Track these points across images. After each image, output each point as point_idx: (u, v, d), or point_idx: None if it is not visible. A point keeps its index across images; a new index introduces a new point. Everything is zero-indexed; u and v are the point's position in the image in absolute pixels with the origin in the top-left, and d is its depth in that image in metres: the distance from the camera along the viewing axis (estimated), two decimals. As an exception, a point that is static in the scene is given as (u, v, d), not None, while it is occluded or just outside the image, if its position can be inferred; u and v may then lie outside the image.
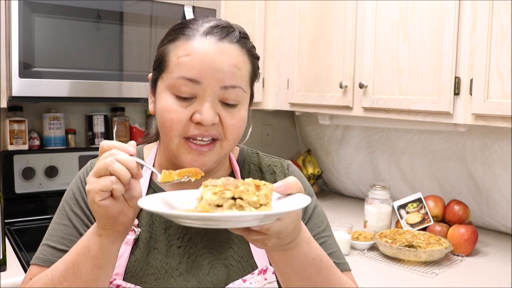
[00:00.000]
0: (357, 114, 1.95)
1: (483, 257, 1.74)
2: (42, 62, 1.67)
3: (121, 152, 0.76)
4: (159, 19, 1.88)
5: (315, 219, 1.01)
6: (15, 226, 1.88)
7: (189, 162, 0.88)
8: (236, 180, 0.74)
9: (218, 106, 0.88)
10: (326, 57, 2.06)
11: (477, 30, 1.53)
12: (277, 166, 1.04)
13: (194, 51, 0.87)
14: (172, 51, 0.89)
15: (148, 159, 1.00)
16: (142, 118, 2.31)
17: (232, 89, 0.88)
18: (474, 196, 2.02)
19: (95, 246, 0.80)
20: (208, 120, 0.86)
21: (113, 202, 0.76)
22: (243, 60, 0.90)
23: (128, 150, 0.78)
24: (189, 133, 0.87)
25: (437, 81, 1.65)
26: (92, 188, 0.75)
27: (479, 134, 1.93)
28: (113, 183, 0.74)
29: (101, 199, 0.75)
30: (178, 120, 0.87)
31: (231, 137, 0.90)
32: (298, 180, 0.78)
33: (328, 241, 1.00)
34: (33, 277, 0.94)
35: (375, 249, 1.78)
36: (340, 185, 2.68)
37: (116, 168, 0.74)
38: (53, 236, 0.96)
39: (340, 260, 1.00)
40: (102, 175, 0.75)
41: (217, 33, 0.88)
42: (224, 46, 0.87)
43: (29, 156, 1.94)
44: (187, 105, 0.87)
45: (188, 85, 0.86)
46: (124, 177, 0.75)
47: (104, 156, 0.76)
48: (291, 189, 0.77)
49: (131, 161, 0.76)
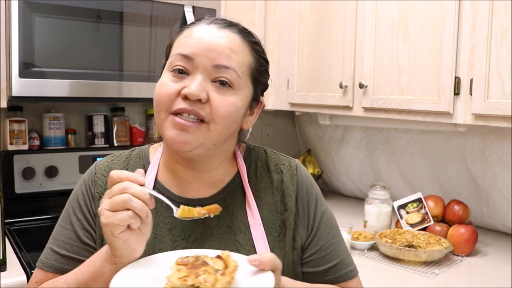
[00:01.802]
0: (357, 114, 1.95)
1: (483, 257, 1.74)
2: (42, 62, 1.67)
3: (134, 185, 0.78)
4: (159, 19, 1.88)
5: (323, 225, 1.00)
6: (15, 226, 1.87)
7: (171, 137, 0.88)
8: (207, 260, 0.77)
9: (208, 85, 0.88)
10: (326, 57, 2.06)
11: (477, 30, 1.53)
12: (285, 165, 1.02)
13: (194, 33, 0.91)
14: (176, 38, 0.94)
15: (154, 159, 1.00)
16: (142, 118, 2.31)
17: (225, 69, 0.89)
18: (474, 196, 2.02)
19: (109, 272, 0.81)
20: (194, 93, 0.86)
21: (131, 234, 0.78)
22: (242, 48, 0.92)
23: (139, 181, 0.79)
24: (174, 107, 0.88)
25: (437, 81, 1.65)
26: (109, 222, 0.76)
27: (479, 134, 1.93)
28: (130, 218, 0.76)
29: (119, 232, 0.77)
30: (167, 94, 0.88)
31: (219, 120, 0.88)
32: (275, 257, 0.78)
33: (336, 249, 1.00)
34: (38, 281, 0.95)
35: (375, 249, 1.78)
36: (340, 185, 2.68)
37: (134, 204, 0.76)
38: (56, 239, 0.97)
39: (347, 268, 1.00)
40: (118, 210, 0.76)
41: (220, 23, 0.93)
42: (223, 32, 0.91)
43: (29, 156, 1.94)
44: (178, 81, 0.89)
45: (182, 60, 0.89)
46: (142, 212, 0.77)
47: (118, 190, 0.77)
48: (264, 265, 0.77)
49: (145, 194, 0.78)
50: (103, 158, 1.03)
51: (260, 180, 1.00)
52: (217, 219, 0.95)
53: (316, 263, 0.99)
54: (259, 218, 0.95)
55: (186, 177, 0.97)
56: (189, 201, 0.96)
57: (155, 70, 1.89)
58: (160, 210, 0.95)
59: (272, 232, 0.96)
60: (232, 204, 0.97)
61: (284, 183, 0.99)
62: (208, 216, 0.84)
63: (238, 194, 0.98)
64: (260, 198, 0.98)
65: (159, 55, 1.91)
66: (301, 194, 1.00)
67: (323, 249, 0.99)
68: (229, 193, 0.98)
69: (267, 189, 0.99)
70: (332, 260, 0.99)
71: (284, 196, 0.98)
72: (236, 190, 0.98)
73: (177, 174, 0.97)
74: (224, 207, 0.96)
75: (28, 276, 1.43)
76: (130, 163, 1.01)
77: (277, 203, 0.98)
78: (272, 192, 0.99)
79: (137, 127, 2.24)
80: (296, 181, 1.00)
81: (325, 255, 0.99)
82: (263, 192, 0.99)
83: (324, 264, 0.99)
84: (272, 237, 0.95)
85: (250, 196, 0.97)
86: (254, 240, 0.94)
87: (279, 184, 0.99)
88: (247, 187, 0.98)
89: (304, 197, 1.00)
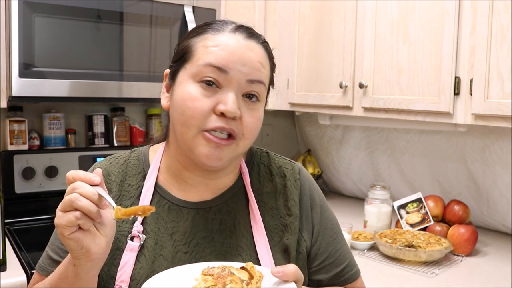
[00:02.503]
0: (357, 114, 1.95)
1: (483, 257, 1.74)
2: (42, 62, 1.66)
3: (84, 185, 0.76)
4: (159, 19, 1.88)
5: (329, 230, 1.01)
6: (15, 226, 1.87)
7: (206, 155, 0.86)
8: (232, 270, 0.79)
9: (240, 101, 0.87)
10: (326, 57, 2.06)
11: (477, 30, 1.53)
12: (288, 169, 1.01)
13: (224, 42, 0.87)
14: (199, 43, 0.89)
15: (154, 162, 0.98)
16: (142, 118, 2.31)
17: (257, 83, 0.88)
18: (474, 196, 2.02)
19: (71, 274, 0.81)
20: (232, 111, 0.84)
21: (83, 234, 0.76)
22: (266, 61, 0.92)
23: (92, 181, 0.77)
24: (209, 124, 0.85)
25: (437, 81, 1.65)
26: (59, 222, 0.75)
27: (479, 134, 1.93)
28: (78, 218, 0.74)
29: (69, 233, 0.75)
30: (200, 109, 0.85)
31: (249, 136, 0.89)
32: (298, 269, 0.80)
33: (342, 253, 1.01)
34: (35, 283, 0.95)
35: (375, 249, 1.79)
36: (340, 185, 2.68)
37: (81, 204, 0.74)
38: (52, 244, 0.97)
39: (352, 270, 1.02)
40: (68, 210, 0.75)
41: (244, 31, 0.90)
42: (251, 44, 0.89)
43: (29, 156, 1.94)
44: (210, 95, 0.85)
45: (215, 72, 0.85)
46: (90, 211, 0.75)
47: (69, 191, 0.76)
48: (288, 277, 0.79)
49: (93, 193, 0.76)
50: (101, 160, 1.02)
51: (263, 185, 0.99)
52: (220, 223, 0.94)
53: (326, 270, 1.00)
54: (261, 222, 0.95)
55: (192, 182, 0.96)
56: (191, 204, 0.95)
57: (155, 70, 1.89)
58: (161, 215, 0.94)
59: (274, 236, 0.95)
60: (235, 208, 0.96)
61: (287, 187, 0.99)
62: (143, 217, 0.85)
63: (240, 198, 0.97)
64: (263, 203, 0.97)
65: (159, 55, 1.91)
66: (304, 198, 1.00)
67: (331, 255, 1.00)
68: (232, 196, 0.97)
69: (270, 194, 0.98)
70: (340, 264, 1.00)
71: (287, 201, 0.98)
72: (238, 194, 0.98)
73: (181, 178, 0.96)
74: (227, 210, 0.95)
75: (28, 276, 1.43)
76: (129, 166, 0.99)
77: (279, 207, 0.98)
78: (275, 197, 0.98)
79: (137, 127, 2.24)
80: (300, 185, 1.00)
81: (333, 261, 1.00)
82: (266, 196, 0.98)
83: (333, 270, 1.00)
84: (273, 241, 0.95)
85: (253, 200, 0.96)
86: (256, 244, 0.93)
87: (282, 188, 0.99)
88: (249, 191, 0.97)
89: (307, 202, 1.00)
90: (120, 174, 0.98)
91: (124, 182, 0.97)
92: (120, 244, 0.92)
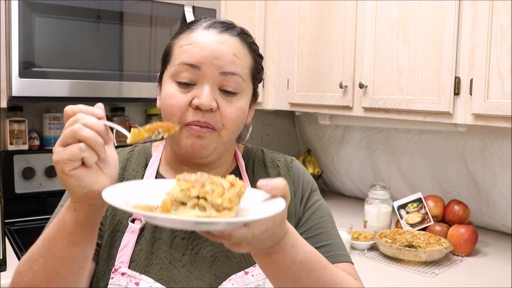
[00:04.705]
0: (357, 114, 1.95)
1: (483, 257, 1.74)
2: (42, 62, 1.67)
3: (88, 116, 0.69)
4: (159, 19, 1.88)
5: (318, 211, 1.02)
6: (15, 226, 1.87)
7: (190, 145, 0.90)
8: (212, 177, 0.69)
9: (217, 93, 0.90)
10: (326, 57, 2.06)
11: (477, 30, 1.53)
12: (281, 161, 1.06)
13: (196, 40, 0.91)
14: (176, 43, 0.94)
15: (156, 153, 1.02)
16: (142, 118, 2.31)
17: (231, 75, 0.90)
18: (474, 196, 2.02)
19: (70, 221, 0.74)
20: (205, 104, 0.87)
21: (86, 172, 0.69)
22: (243, 52, 0.93)
23: (95, 113, 0.71)
24: (187, 119, 0.89)
25: (437, 81, 1.65)
26: (59, 158, 0.67)
27: (479, 134, 1.93)
28: (82, 150, 0.67)
29: (71, 169, 0.68)
30: (177, 106, 0.89)
31: (230, 126, 0.91)
32: (286, 185, 0.71)
33: (327, 232, 1.00)
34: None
35: (375, 249, 1.78)
36: (340, 185, 2.68)
37: (85, 134, 0.67)
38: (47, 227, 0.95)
39: (336, 252, 0.98)
40: (69, 143, 0.67)
41: (218, 26, 0.93)
42: (224, 37, 0.91)
43: (29, 156, 1.94)
44: (187, 91, 0.90)
45: (188, 70, 0.89)
46: (95, 142, 0.68)
47: (70, 122, 0.69)
48: (276, 191, 0.69)
49: (99, 124, 0.69)
50: None
51: (257, 175, 1.03)
52: None
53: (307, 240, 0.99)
54: None
55: None
56: None
57: (155, 70, 1.89)
58: None
59: None
60: None
61: (280, 175, 1.02)
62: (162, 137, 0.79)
63: None
64: None
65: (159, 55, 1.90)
66: (297, 184, 1.03)
67: (313, 229, 0.99)
68: None
69: None
70: (322, 241, 0.98)
71: None
72: None
73: (179, 171, 0.98)
74: None
75: (28, 276, 1.42)
76: (132, 156, 1.03)
77: None
78: None
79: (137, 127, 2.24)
80: (292, 173, 1.04)
81: (315, 235, 0.98)
82: None
83: (313, 244, 0.97)
84: None
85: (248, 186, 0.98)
86: None
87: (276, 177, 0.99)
88: (245, 178, 1.01)
89: (300, 187, 1.03)
90: (124, 161, 1.02)
91: (127, 169, 1.01)
92: (121, 226, 0.95)
